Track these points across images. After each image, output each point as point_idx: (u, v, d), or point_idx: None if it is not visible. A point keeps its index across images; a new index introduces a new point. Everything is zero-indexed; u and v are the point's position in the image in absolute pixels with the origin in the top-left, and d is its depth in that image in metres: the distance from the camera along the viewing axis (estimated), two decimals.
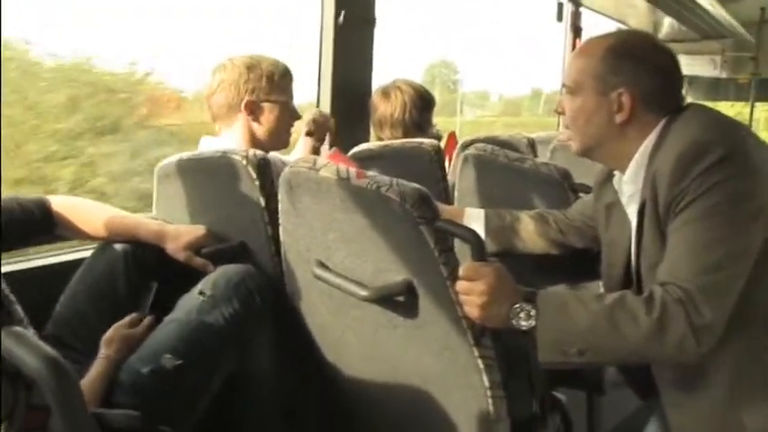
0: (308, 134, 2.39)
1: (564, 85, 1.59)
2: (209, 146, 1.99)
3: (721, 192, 1.33)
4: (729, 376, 1.43)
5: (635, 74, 1.49)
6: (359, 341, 1.54)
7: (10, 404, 0.76)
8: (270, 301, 1.62)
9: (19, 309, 0.79)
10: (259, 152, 1.67)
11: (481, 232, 1.83)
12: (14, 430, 0.77)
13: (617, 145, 1.53)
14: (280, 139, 2.08)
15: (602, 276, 1.71)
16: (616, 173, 1.61)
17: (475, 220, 1.92)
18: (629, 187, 1.55)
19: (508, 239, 1.94)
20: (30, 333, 0.77)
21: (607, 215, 1.67)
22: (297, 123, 2.17)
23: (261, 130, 2.02)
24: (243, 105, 1.99)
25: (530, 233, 1.95)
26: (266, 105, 2.02)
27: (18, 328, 0.77)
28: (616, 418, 2.47)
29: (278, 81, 2.04)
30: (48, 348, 0.74)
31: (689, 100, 1.58)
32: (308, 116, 2.38)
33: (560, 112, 1.62)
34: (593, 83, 1.52)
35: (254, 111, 2.01)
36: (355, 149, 2.41)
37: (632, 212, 1.54)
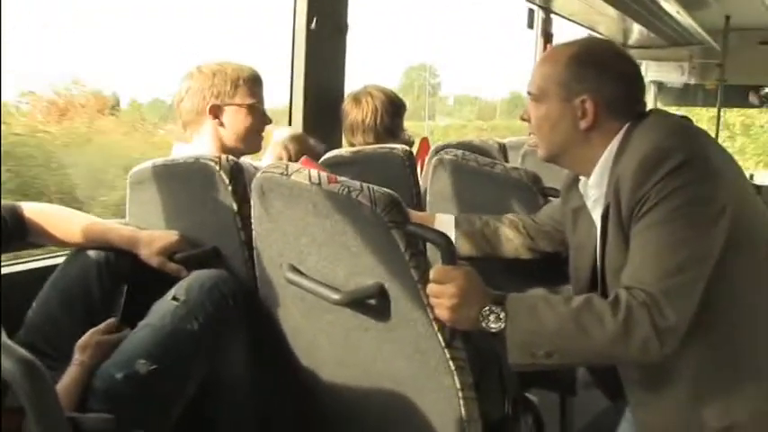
0: (288, 158, 2.39)
1: (529, 93, 1.61)
2: (181, 152, 1.99)
3: (682, 196, 1.36)
4: (692, 376, 1.46)
5: (598, 81, 1.51)
6: (332, 345, 1.56)
7: None
8: (243, 306, 1.63)
9: None
10: (232, 157, 1.68)
11: (452, 237, 1.85)
12: None
13: (581, 151, 1.56)
14: (248, 142, 2.07)
15: (570, 280, 1.74)
16: (582, 178, 1.64)
17: (446, 225, 1.94)
18: (593, 192, 1.58)
19: (478, 244, 1.96)
20: (3, 336, 0.77)
21: (574, 219, 1.69)
22: (268, 127, 2.19)
23: (228, 133, 2.02)
24: (208, 110, 2.00)
25: (499, 238, 1.98)
26: (231, 109, 2.02)
27: None
28: (588, 418, 2.51)
29: (243, 85, 2.04)
30: (21, 350, 0.74)
31: (659, 105, 1.61)
32: (282, 138, 2.39)
33: (526, 119, 1.65)
34: (556, 90, 1.54)
35: (218, 115, 2.01)
36: (327, 155, 2.42)
37: (597, 216, 1.57)
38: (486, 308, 1.35)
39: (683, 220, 1.36)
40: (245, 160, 1.91)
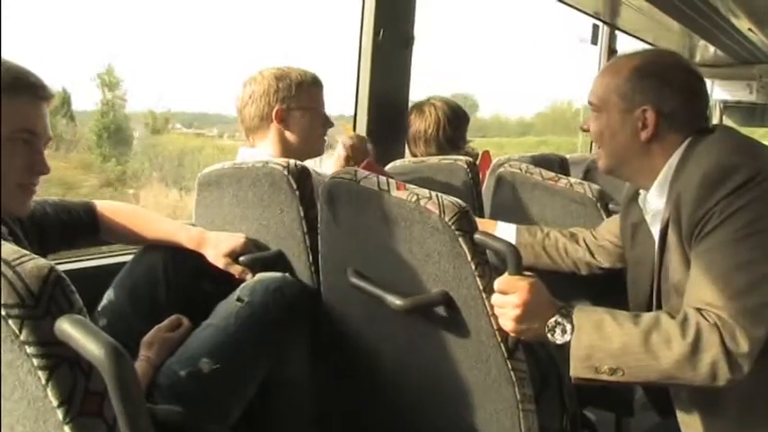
0: (347, 159, 2.41)
1: (589, 103, 1.60)
2: (246, 156, 2.03)
3: (747, 215, 1.34)
4: (741, 398, 1.43)
5: (659, 93, 1.51)
6: (393, 351, 1.56)
7: (69, 389, 0.79)
8: (306, 310, 1.65)
9: (78, 298, 0.82)
10: (299, 163, 1.70)
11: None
12: (72, 414, 0.79)
13: (642, 162, 1.55)
14: (312, 145, 2.11)
15: (628, 294, 1.72)
16: (641, 191, 1.62)
17: (506, 234, 1.94)
18: (653, 205, 1.56)
19: (538, 255, 1.96)
20: (88, 321, 0.80)
21: (633, 234, 1.68)
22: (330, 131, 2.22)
23: (293, 137, 2.06)
24: (274, 114, 2.03)
25: (559, 250, 1.97)
26: (296, 113, 2.06)
27: (78, 316, 0.80)
28: None
29: (306, 89, 2.08)
30: (107, 336, 0.77)
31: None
32: (345, 140, 2.41)
33: (585, 130, 1.65)
34: (617, 100, 1.54)
35: (284, 119, 2.05)
36: (391, 165, 2.44)
37: (656, 231, 1.55)
38: (553, 319, 1.34)
39: (750, 240, 1.34)
40: (312, 166, 1.93)
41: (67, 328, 0.78)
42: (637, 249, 1.67)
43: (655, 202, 1.55)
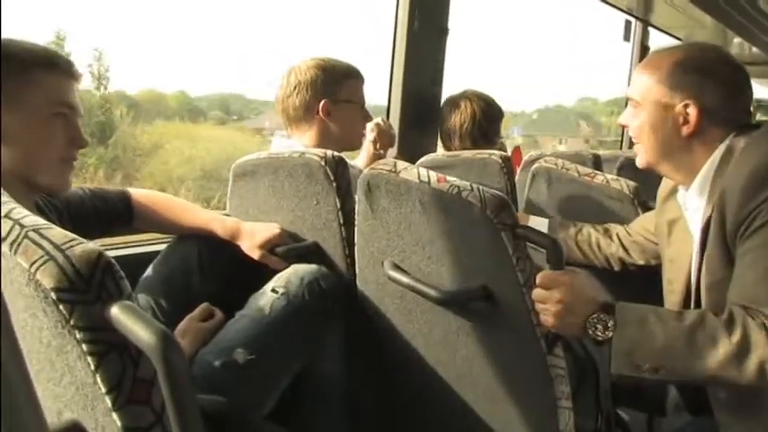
0: (374, 141, 2.41)
1: (629, 98, 1.58)
2: (281, 146, 2.02)
3: None
4: None
5: (701, 87, 1.48)
6: (429, 345, 1.55)
7: (118, 376, 0.79)
8: (341, 302, 1.64)
9: (127, 284, 0.82)
10: (337, 153, 1.69)
11: None
12: (121, 402, 0.79)
13: (682, 159, 1.52)
14: (352, 139, 2.14)
15: (663, 292, 1.70)
16: (680, 188, 1.60)
17: (539, 227, 1.92)
18: (693, 202, 1.54)
19: (570, 250, 1.94)
20: (138, 307, 0.79)
21: (669, 231, 1.66)
22: None
23: (336, 130, 2.06)
24: (320, 106, 2.03)
25: (592, 246, 1.96)
26: (341, 106, 2.06)
27: (128, 302, 0.80)
28: None
29: (351, 83, 2.10)
30: (156, 322, 0.76)
31: None
32: (371, 124, 2.40)
33: (624, 125, 1.62)
34: (658, 96, 1.51)
35: (330, 112, 2.04)
36: (424, 159, 2.42)
37: (695, 228, 1.52)
38: (594, 315, 1.32)
39: None
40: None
41: (119, 314, 0.77)
42: (674, 247, 1.65)
43: (695, 200, 1.52)
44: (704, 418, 1.62)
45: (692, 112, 1.48)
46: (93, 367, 0.79)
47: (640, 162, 1.60)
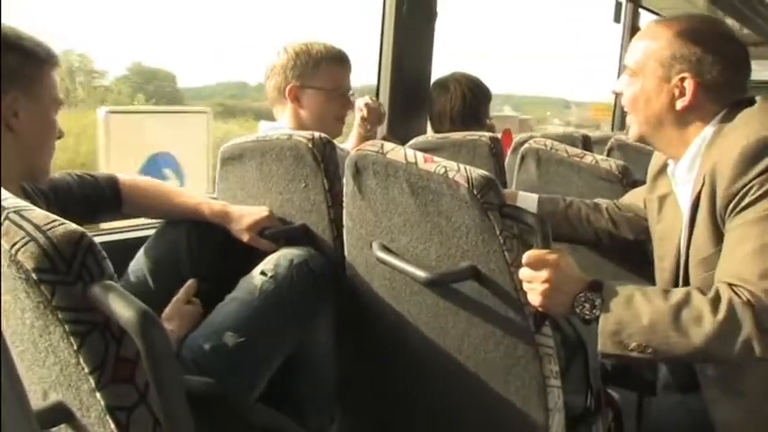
0: (363, 119, 2.39)
1: (625, 66, 1.57)
2: (267, 129, 2.02)
3: None
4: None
5: (701, 62, 1.46)
6: (418, 326, 1.55)
7: (101, 355, 0.79)
8: (331, 284, 1.64)
9: (109, 264, 0.82)
10: (324, 135, 1.69)
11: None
12: (104, 381, 0.79)
13: (675, 132, 1.51)
14: (326, 126, 2.03)
15: (654, 268, 1.70)
16: (670, 162, 1.59)
17: (528, 203, 1.91)
18: (683, 176, 1.53)
19: (560, 225, 1.92)
20: (120, 287, 0.79)
21: (660, 206, 1.65)
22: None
23: (306, 116, 2.05)
24: (287, 91, 2.02)
25: (582, 221, 1.94)
26: (310, 92, 2.05)
27: (110, 282, 0.79)
28: (664, 419, 2.45)
29: (326, 67, 2.07)
30: (138, 301, 0.76)
31: None
32: (359, 103, 2.39)
33: (618, 93, 1.61)
34: (656, 66, 1.50)
35: (297, 97, 2.03)
36: (413, 141, 2.42)
37: (685, 203, 1.52)
38: (582, 294, 1.31)
39: None
40: None
41: (100, 294, 0.77)
42: (663, 222, 1.64)
43: (685, 174, 1.52)
44: (694, 396, 1.62)
45: (689, 85, 1.47)
46: (75, 347, 0.79)
47: (633, 134, 1.59)
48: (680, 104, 1.48)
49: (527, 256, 1.31)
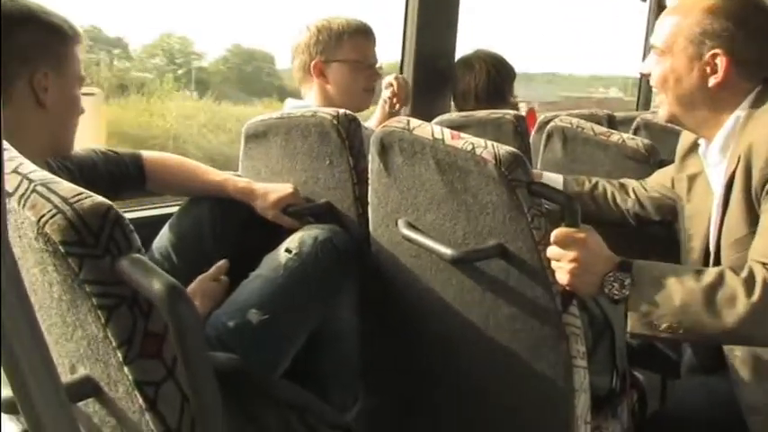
0: (391, 97, 2.37)
1: (653, 46, 1.53)
2: (293, 107, 2.01)
3: None
4: None
5: (733, 37, 1.42)
6: (443, 305, 1.54)
7: (128, 329, 0.79)
8: (355, 261, 1.63)
9: (136, 237, 0.81)
10: (349, 112, 1.68)
11: None
12: (132, 356, 0.79)
13: (707, 111, 1.48)
14: (354, 99, 2.07)
15: (681, 248, 1.67)
16: (701, 142, 1.56)
17: (553, 183, 1.89)
18: (715, 157, 1.50)
19: (586, 205, 1.90)
20: (148, 260, 0.79)
21: (690, 186, 1.62)
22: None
23: (333, 90, 2.05)
24: (312, 67, 2.01)
25: (608, 201, 1.92)
26: (335, 65, 2.04)
27: (137, 255, 0.79)
28: (689, 401, 2.44)
29: (348, 40, 2.06)
30: (166, 275, 0.75)
31: None
32: (385, 82, 2.37)
33: (646, 74, 1.57)
34: (686, 43, 1.46)
35: (323, 72, 2.03)
36: (437, 119, 2.40)
37: (717, 183, 1.49)
38: (611, 274, 1.29)
39: None
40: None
41: (128, 267, 0.77)
42: (693, 203, 1.61)
43: (718, 154, 1.49)
44: (718, 378, 1.61)
45: (722, 62, 1.43)
46: (103, 321, 0.78)
47: (663, 114, 1.55)
48: (712, 82, 1.44)
49: (555, 234, 1.29)
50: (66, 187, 0.82)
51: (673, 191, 1.78)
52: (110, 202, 0.81)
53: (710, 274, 1.28)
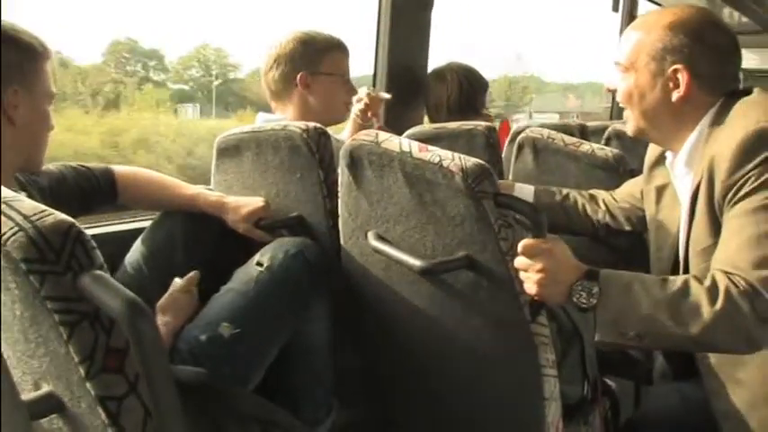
0: (364, 110, 2.38)
1: (617, 63, 1.56)
2: (264, 121, 2.02)
3: None
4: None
5: (692, 51, 1.46)
6: (415, 316, 1.55)
7: (90, 345, 0.79)
8: (326, 274, 1.64)
9: (99, 254, 0.82)
10: (319, 126, 1.69)
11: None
12: (95, 371, 0.79)
13: (672, 125, 1.51)
14: (334, 112, 2.13)
15: (650, 259, 1.69)
16: (668, 154, 1.59)
17: (525, 194, 1.91)
18: (682, 169, 1.53)
19: (556, 216, 1.92)
20: (109, 277, 0.79)
21: (657, 197, 1.65)
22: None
23: (315, 103, 2.07)
24: (298, 79, 2.03)
25: (578, 212, 1.95)
26: (320, 78, 2.06)
27: (99, 272, 0.79)
28: (662, 409, 2.46)
29: (332, 55, 2.10)
30: (127, 291, 0.76)
31: None
32: (361, 92, 2.39)
33: (612, 90, 1.60)
34: (648, 59, 1.49)
35: (308, 84, 2.05)
36: (410, 131, 2.41)
37: (684, 195, 1.51)
38: (578, 283, 1.31)
39: None
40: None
41: (89, 284, 0.77)
42: (662, 213, 1.64)
43: (684, 165, 1.51)
44: (690, 385, 1.62)
45: (683, 77, 1.46)
46: (65, 337, 0.79)
47: (630, 129, 1.58)
48: (675, 96, 1.47)
49: (521, 244, 1.31)
50: (28, 205, 0.82)
51: (641, 201, 1.80)
52: (72, 220, 0.81)
53: (676, 282, 1.31)
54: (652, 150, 1.72)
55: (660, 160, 1.65)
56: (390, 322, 1.62)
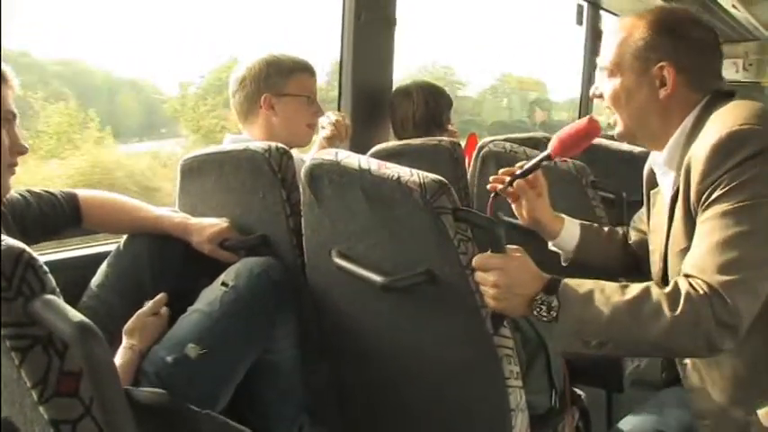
0: (330, 138, 2.39)
1: (601, 67, 1.55)
2: (232, 142, 2.03)
3: (756, 186, 1.29)
4: (745, 366, 1.42)
5: (676, 48, 1.45)
6: (379, 331, 1.56)
7: (43, 369, 0.79)
8: (291, 292, 1.64)
9: (51, 278, 0.82)
10: (281, 146, 1.70)
11: (574, 241, 1.80)
12: (48, 395, 0.79)
13: (659, 123, 1.49)
14: (299, 134, 2.12)
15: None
16: (654, 153, 1.58)
17: (570, 229, 1.83)
18: (663, 168, 1.52)
19: (597, 254, 1.85)
20: (61, 301, 0.79)
21: (652, 202, 1.64)
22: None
23: (279, 124, 2.06)
24: (262, 100, 2.04)
25: (618, 249, 1.89)
26: (285, 99, 2.07)
27: (50, 297, 0.80)
28: (634, 415, 2.48)
29: (297, 76, 2.10)
30: (80, 315, 0.76)
31: None
32: (325, 120, 2.40)
33: (598, 96, 1.58)
34: (632, 60, 1.48)
35: (272, 105, 2.05)
36: (375, 148, 2.43)
37: (666, 195, 1.51)
38: (538, 297, 1.30)
39: (754, 211, 1.29)
40: (295, 154, 1.93)
41: (41, 309, 0.78)
42: (655, 217, 1.62)
43: (666, 165, 1.52)
44: (663, 391, 1.63)
45: (669, 73, 1.45)
46: (17, 362, 0.79)
47: (619, 132, 1.55)
48: (662, 94, 1.46)
49: (474, 260, 1.32)
50: None
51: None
52: (23, 246, 0.81)
53: (636, 288, 1.31)
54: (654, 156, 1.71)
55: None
56: (358, 338, 1.63)
